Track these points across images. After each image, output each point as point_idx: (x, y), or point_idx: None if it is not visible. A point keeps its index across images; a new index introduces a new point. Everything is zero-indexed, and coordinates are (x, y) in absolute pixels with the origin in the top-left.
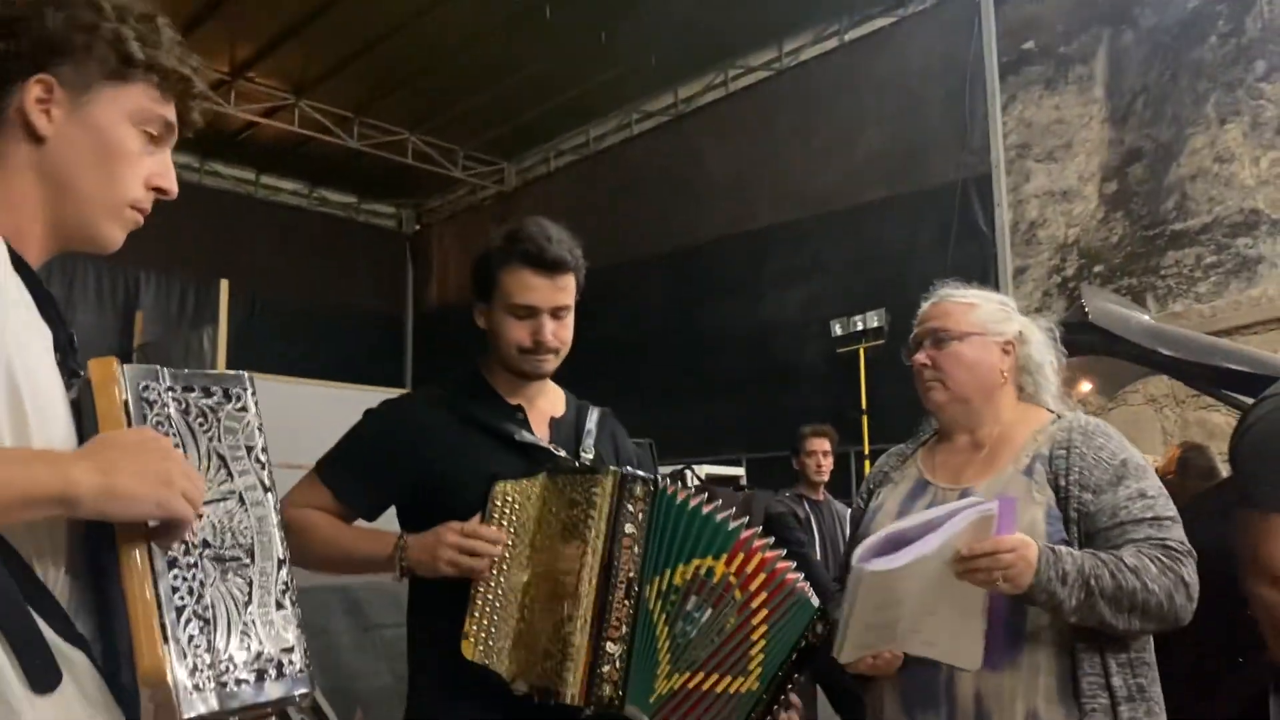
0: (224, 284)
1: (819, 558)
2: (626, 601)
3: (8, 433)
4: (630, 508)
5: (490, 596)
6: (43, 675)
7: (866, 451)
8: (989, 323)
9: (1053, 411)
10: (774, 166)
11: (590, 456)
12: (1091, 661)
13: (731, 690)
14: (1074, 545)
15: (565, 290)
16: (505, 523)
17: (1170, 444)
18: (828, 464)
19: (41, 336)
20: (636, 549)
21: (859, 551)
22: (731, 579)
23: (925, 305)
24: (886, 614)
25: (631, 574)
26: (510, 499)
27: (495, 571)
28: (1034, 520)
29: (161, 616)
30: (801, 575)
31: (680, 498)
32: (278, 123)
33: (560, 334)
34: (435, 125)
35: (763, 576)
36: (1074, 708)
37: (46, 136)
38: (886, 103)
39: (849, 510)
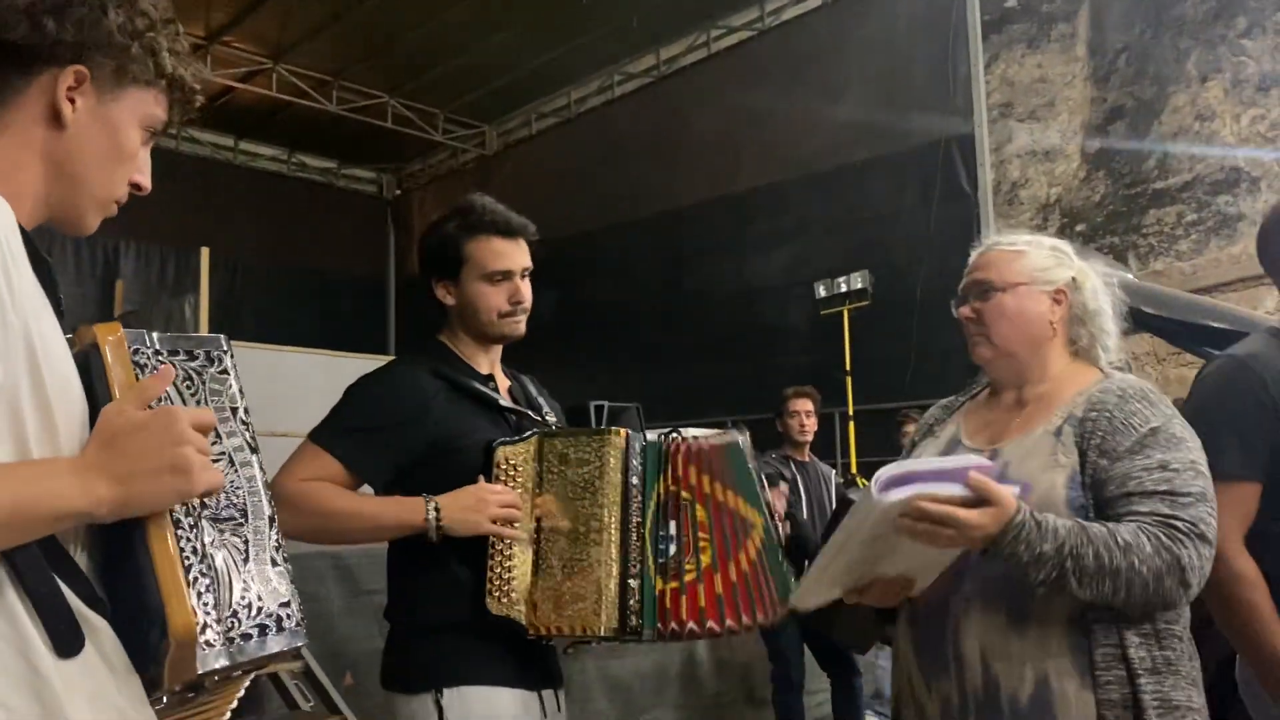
0: (204, 251)
1: (805, 518)
2: (638, 543)
3: (28, 399)
4: (635, 463)
5: (507, 553)
6: (67, 640)
7: (851, 412)
8: (1036, 271)
9: (1104, 371)
10: (757, 128)
11: (553, 418)
12: (1106, 631)
13: (755, 546)
14: (1090, 511)
15: (527, 253)
16: (511, 484)
17: None
18: (811, 424)
19: (45, 301)
20: (639, 498)
21: (877, 481)
22: (672, 487)
23: (973, 255)
24: (866, 564)
25: (639, 519)
26: (510, 460)
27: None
28: (1053, 484)
29: (187, 575)
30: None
31: (656, 441)
32: (255, 87)
33: (528, 293)
34: (415, 88)
35: (694, 467)
36: (1088, 677)
37: (67, 125)
38: (869, 62)
39: (834, 471)
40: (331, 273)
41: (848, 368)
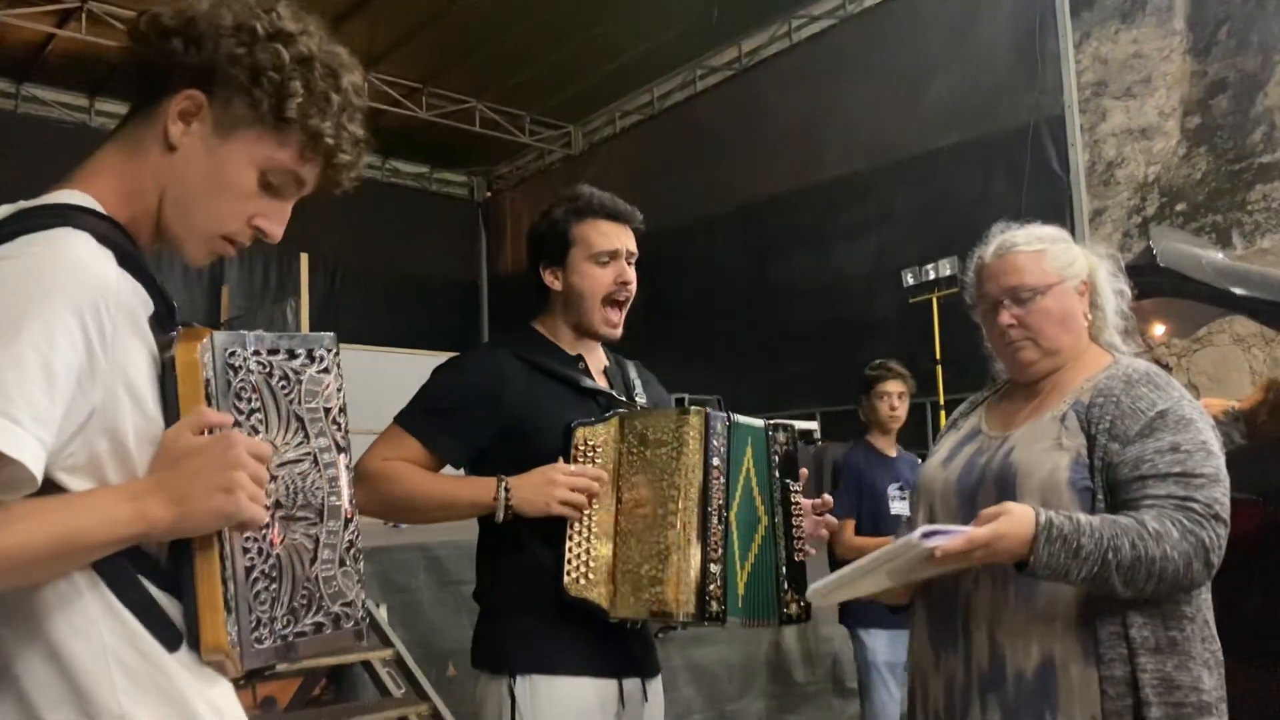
0: (304, 257)
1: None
2: (719, 526)
3: (108, 454)
4: (715, 443)
5: (585, 534)
6: (167, 636)
7: (942, 402)
8: (1063, 267)
9: (1112, 352)
10: (841, 117)
11: (644, 400)
12: (1111, 611)
13: (756, 543)
14: (1098, 494)
15: (632, 238)
16: (589, 464)
17: (1260, 382)
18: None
19: (146, 320)
20: (721, 479)
21: (919, 532)
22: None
23: (988, 258)
24: (891, 581)
25: (720, 501)
26: (590, 441)
27: (586, 511)
28: (1056, 466)
29: (226, 593)
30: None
31: (741, 421)
32: None
33: (633, 277)
34: (502, 92)
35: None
36: (1092, 655)
37: (176, 147)
38: (955, 46)
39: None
40: (426, 274)
41: (938, 356)
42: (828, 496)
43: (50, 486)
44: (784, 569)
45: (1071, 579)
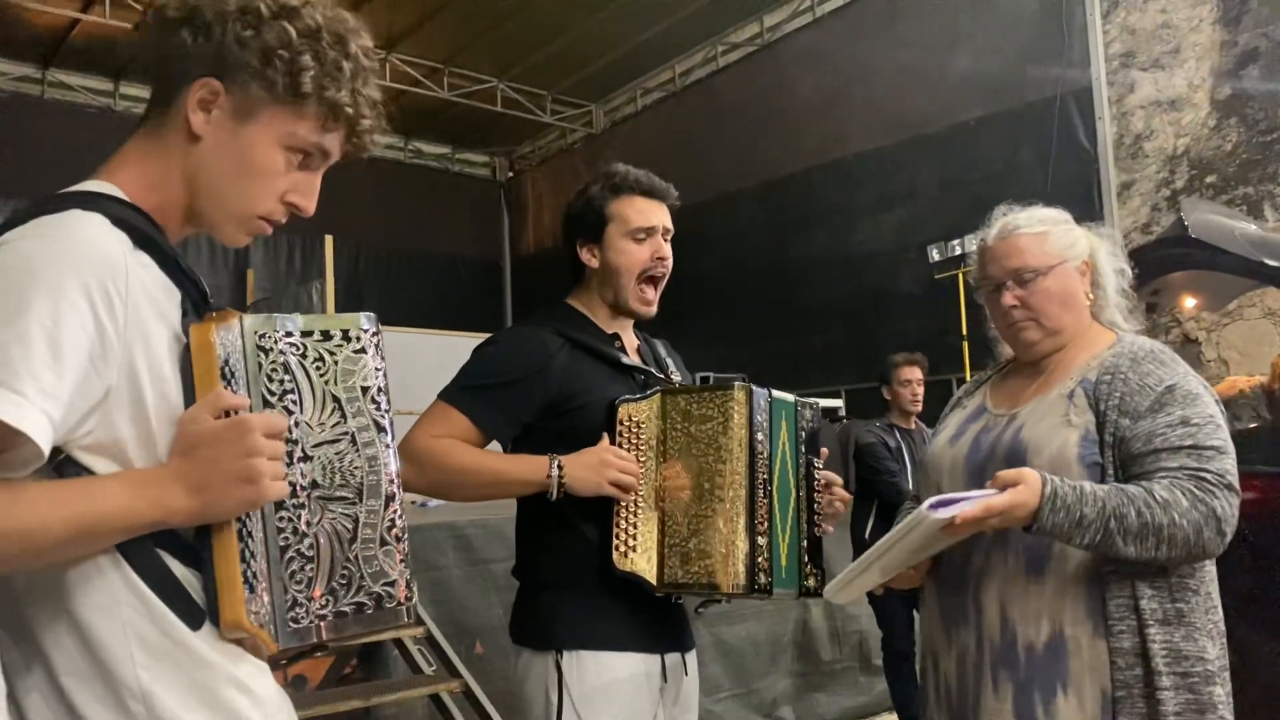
0: (328, 239)
1: (910, 487)
2: (765, 500)
3: (126, 425)
4: (759, 418)
5: (632, 510)
6: (188, 614)
7: (968, 378)
8: (1065, 249)
9: (1115, 331)
10: (864, 91)
11: (678, 377)
12: (1120, 583)
13: (791, 508)
14: (1108, 469)
15: (668, 214)
16: (633, 441)
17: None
18: (921, 393)
19: (170, 302)
20: (765, 454)
21: (927, 503)
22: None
23: (990, 240)
24: (904, 563)
25: (765, 476)
26: (634, 418)
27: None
28: (1065, 442)
29: (246, 571)
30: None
31: (778, 397)
32: None
33: (669, 253)
34: (522, 71)
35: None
36: (1101, 626)
37: (201, 136)
38: (980, 18)
39: None
40: (449, 255)
41: (964, 332)
42: (835, 476)
43: (72, 466)
44: (804, 542)
45: (1075, 544)
